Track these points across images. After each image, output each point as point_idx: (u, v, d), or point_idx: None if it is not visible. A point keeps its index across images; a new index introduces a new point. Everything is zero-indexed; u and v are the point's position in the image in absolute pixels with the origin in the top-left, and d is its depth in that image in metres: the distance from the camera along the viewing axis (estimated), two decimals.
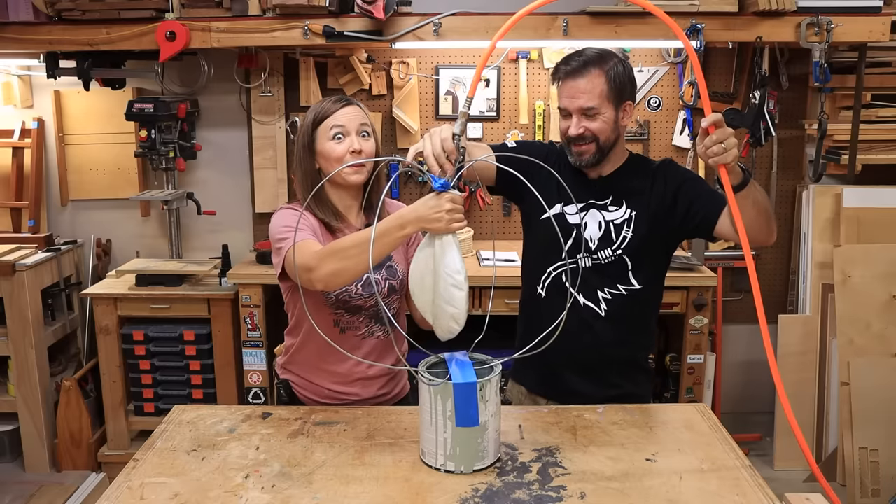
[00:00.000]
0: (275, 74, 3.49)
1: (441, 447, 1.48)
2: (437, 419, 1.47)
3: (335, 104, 1.80)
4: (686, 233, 1.91)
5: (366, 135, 1.80)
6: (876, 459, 3.09)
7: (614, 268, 1.88)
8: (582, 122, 1.82)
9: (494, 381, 1.49)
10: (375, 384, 1.88)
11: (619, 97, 1.83)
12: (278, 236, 1.74)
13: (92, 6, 3.01)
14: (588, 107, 1.81)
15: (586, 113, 1.82)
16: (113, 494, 1.41)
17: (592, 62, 1.81)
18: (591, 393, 1.89)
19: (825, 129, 3.33)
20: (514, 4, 3.33)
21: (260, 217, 3.67)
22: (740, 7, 2.98)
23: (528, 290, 1.99)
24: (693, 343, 3.21)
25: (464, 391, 1.44)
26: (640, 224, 1.87)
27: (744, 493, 1.41)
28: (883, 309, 3.19)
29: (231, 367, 3.30)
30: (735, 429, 2.79)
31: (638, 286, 1.89)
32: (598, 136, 1.83)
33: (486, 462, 1.50)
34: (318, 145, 1.79)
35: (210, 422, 1.72)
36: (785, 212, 3.66)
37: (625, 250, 1.87)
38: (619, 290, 1.89)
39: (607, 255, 1.88)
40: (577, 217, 1.89)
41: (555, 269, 1.92)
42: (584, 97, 1.80)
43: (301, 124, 1.86)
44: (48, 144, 3.65)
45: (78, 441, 3.35)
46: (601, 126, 1.82)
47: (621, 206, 1.89)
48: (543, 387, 1.99)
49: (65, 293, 3.53)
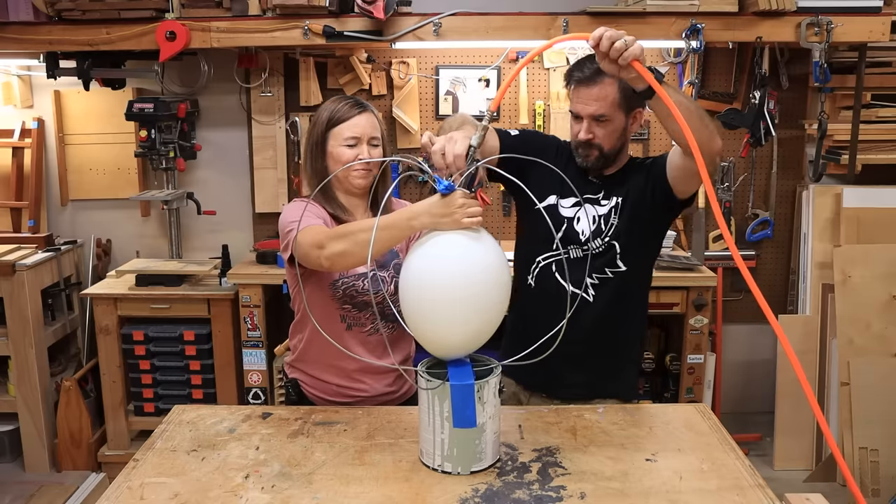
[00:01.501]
0: (275, 74, 3.49)
1: (438, 448, 1.48)
2: (434, 420, 1.47)
3: (352, 109, 1.82)
4: (657, 199, 1.89)
5: (376, 144, 1.85)
6: (876, 459, 3.09)
7: (603, 254, 1.92)
8: (592, 127, 1.86)
9: (493, 383, 1.48)
10: (384, 379, 1.88)
11: (630, 105, 1.86)
12: (289, 227, 1.75)
13: (92, 6, 3.01)
14: (599, 114, 1.84)
15: (597, 119, 1.85)
16: (113, 494, 1.41)
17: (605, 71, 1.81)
18: (579, 379, 1.94)
19: (825, 129, 3.33)
20: (514, 5, 3.35)
21: (260, 217, 3.67)
22: (740, 7, 2.98)
23: (518, 280, 2.00)
24: (693, 343, 3.21)
25: (461, 392, 1.43)
26: (625, 208, 1.90)
27: (744, 493, 1.41)
28: (883, 309, 3.19)
29: (231, 367, 3.30)
30: (735, 429, 2.79)
31: (624, 268, 1.92)
32: (604, 144, 1.87)
33: (483, 464, 1.49)
34: (329, 147, 1.82)
35: (210, 422, 1.72)
36: (785, 212, 3.66)
37: (612, 236, 1.91)
38: (605, 273, 1.92)
39: (597, 244, 1.92)
40: (571, 210, 1.93)
41: (544, 258, 1.95)
42: (595, 105, 1.84)
43: (311, 124, 1.88)
44: (48, 144, 3.65)
45: (78, 441, 3.35)
46: (609, 133, 1.86)
47: (610, 198, 1.93)
48: (532, 377, 1.99)
49: (65, 293, 3.53)
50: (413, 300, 1.50)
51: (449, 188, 1.49)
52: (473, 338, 1.50)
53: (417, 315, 1.51)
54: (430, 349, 1.55)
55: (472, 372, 1.49)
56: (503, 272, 1.52)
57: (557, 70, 3.48)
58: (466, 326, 1.48)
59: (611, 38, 1.48)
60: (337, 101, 1.84)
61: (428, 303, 1.48)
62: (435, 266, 1.48)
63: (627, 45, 1.47)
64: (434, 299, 1.47)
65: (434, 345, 1.53)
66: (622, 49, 1.47)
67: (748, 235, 3.61)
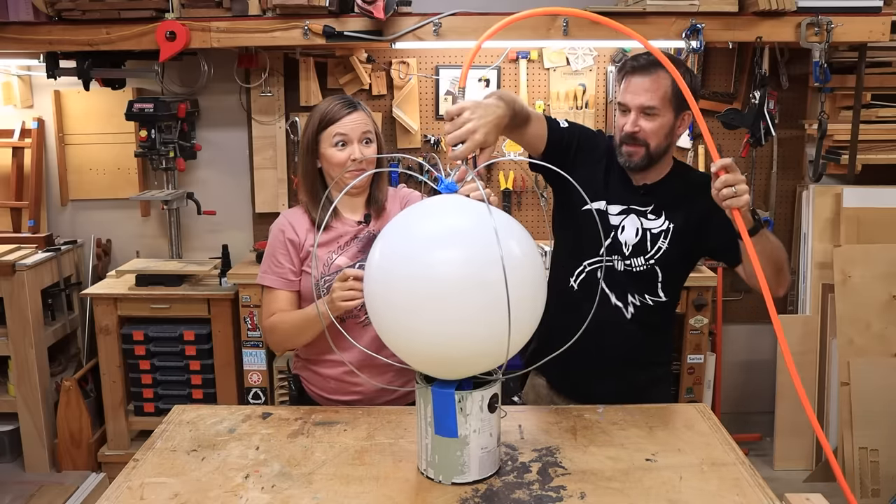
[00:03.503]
0: (275, 74, 3.49)
1: (424, 452, 1.45)
2: (421, 422, 1.45)
3: (341, 109, 1.82)
4: (714, 253, 1.93)
5: (368, 141, 1.84)
6: (876, 459, 3.09)
7: (645, 277, 1.87)
8: (640, 120, 1.79)
9: (479, 397, 1.38)
10: (383, 375, 1.84)
11: (681, 104, 1.78)
12: (262, 266, 1.90)
13: (92, 6, 3.01)
14: (649, 105, 1.77)
15: (646, 112, 1.78)
16: (113, 494, 1.41)
17: (661, 63, 1.76)
18: (606, 395, 1.85)
19: (825, 129, 3.33)
20: (514, 5, 3.34)
21: (260, 217, 3.67)
22: (740, 7, 2.98)
23: (560, 282, 1.93)
24: (693, 343, 3.21)
25: (441, 399, 1.38)
26: (676, 237, 1.85)
27: (744, 493, 1.41)
28: (883, 309, 3.19)
29: (231, 367, 3.30)
30: (735, 429, 2.79)
31: (664, 299, 1.88)
32: (650, 140, 1.79)
33: (466, 478, 1.42)
34: (321, 148, 1.83)
35: (210, 422, 1.72)
36: (785, 212, 3.66)
37: (657, 261, 1.86)
38: (646, 300, 1.88)
39: (639, 262, 1.86)
40: (618, 218, 1.87)
41: (590, 263, 1.88)
42: (646, 95, 1.77)
43: (306, 123, 1.88)
44: (48, 144, 3.65)
45: (78, 441, 3.35)
46: (656, 129, 1.78)
47: (660, 216, 1.86)
48: (564, 382, 1.98)
49: (65, 293, 3.53)
50: (378, 304, 1.33)
51: (450, 189, 1.42)
52: (475, 357, 1.32)
53: (386, 325, 1.34)
54: (416, 367, 1.42)
55: (467, 380, 1.43)
56: (530, 266, 1.31)
57: (557, 70, 3.49)
58: (460, 344, 1.27)
59: (725, 181, 1.54)
60: (328, 102, 1.85)
61: (396, 311, 1.29)
62: (408, 256, 1.28)
63: (737, 194, 1.54)
64: (406, 306, 1.26)
65: (420, 364, 1.39)
66: (727, 197, 1.55)
67: None
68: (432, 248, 1.29)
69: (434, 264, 1.27)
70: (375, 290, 1.34)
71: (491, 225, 1.22)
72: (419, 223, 1.35)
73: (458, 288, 1.25)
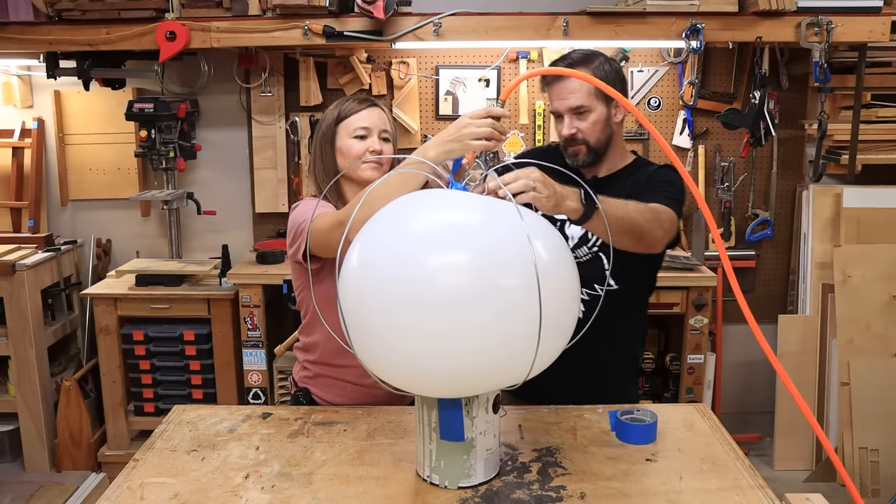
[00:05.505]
0: (275, 74, 3.49)
1: (427, 458, 1.43)
2: (423, 428, 1.42)
3: (360, 104, 1.85)
4: None
5: (385, 140, 1.85)
6: (876, 459, 3.09)
7: (591, 266, 1.87)
8: (574, 122, 1.85)
9: (484, 398, 1.38)
10: None
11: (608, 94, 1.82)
12: (301, 223, 1.73)
13: (92, 6, 3.01)
14: (577, 105, 1.83)
15: (577, 112, 1.84)
16: (113, 494, 1.41)
17: (578, 63, 1.86)
18: (570, 396, 1.80)
19: (825, 129, 3.33)
20: (514, 5, 3.35)
21: (260, 217, 3.67)
22: (740, 7, 2.98)
23: None
24: (693, 343, 3.21)
25: (448, 404, 1.36)
26: None
27: (744, 493, 1.41)
28: (883, 309, 3.19)
29: (231, 367, 3.30)
30: (735, 429, 2.79)
31: (615, 286, 1.88)
32: (589, 138, 1.86)
33: (472, 481, 1.40)
34: (338, 142, 1.84)
35: (210, 422, 1.72)
36: (785, 212, 3.66)
37: (600, 247, 1.88)
38: (596, 290, 1.87)
39: (584, 252, 1.89)
40: None
41: None
42: (572, 96, 1.83)
43: (321, 120, 1.90)
44: (48, 144, 3.65)
45: (78, 441, 3.35)
46: (592, 125, 1.85)
47: None
48: (522, 388, 1.93)
49: (65, 293, 3.53)
50: (354, 313, 1.20)
51: (461, 191, 1.37)
52: (479, 375, 1.25)
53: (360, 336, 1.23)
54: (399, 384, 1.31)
55: None
56: (555, 261, 1.18)
57: None
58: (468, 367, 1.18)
59: (494, 189, 1.35)
60: (345, 100, 1.88)
61: (380, 328, 1.18)
62: (391, 257, 1.13)
63: (525, 189, 1.35)
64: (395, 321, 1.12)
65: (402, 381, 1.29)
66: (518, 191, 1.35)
67: (748, 235, 3.61)
68: (432, 248, 1.17)
69: (434, 268, 1.13)
70: (352, 304, 1.14)
71: (523, 230, 1.08)
72: (414, 218, 1.22)
73: (465, 297, 1.10)
